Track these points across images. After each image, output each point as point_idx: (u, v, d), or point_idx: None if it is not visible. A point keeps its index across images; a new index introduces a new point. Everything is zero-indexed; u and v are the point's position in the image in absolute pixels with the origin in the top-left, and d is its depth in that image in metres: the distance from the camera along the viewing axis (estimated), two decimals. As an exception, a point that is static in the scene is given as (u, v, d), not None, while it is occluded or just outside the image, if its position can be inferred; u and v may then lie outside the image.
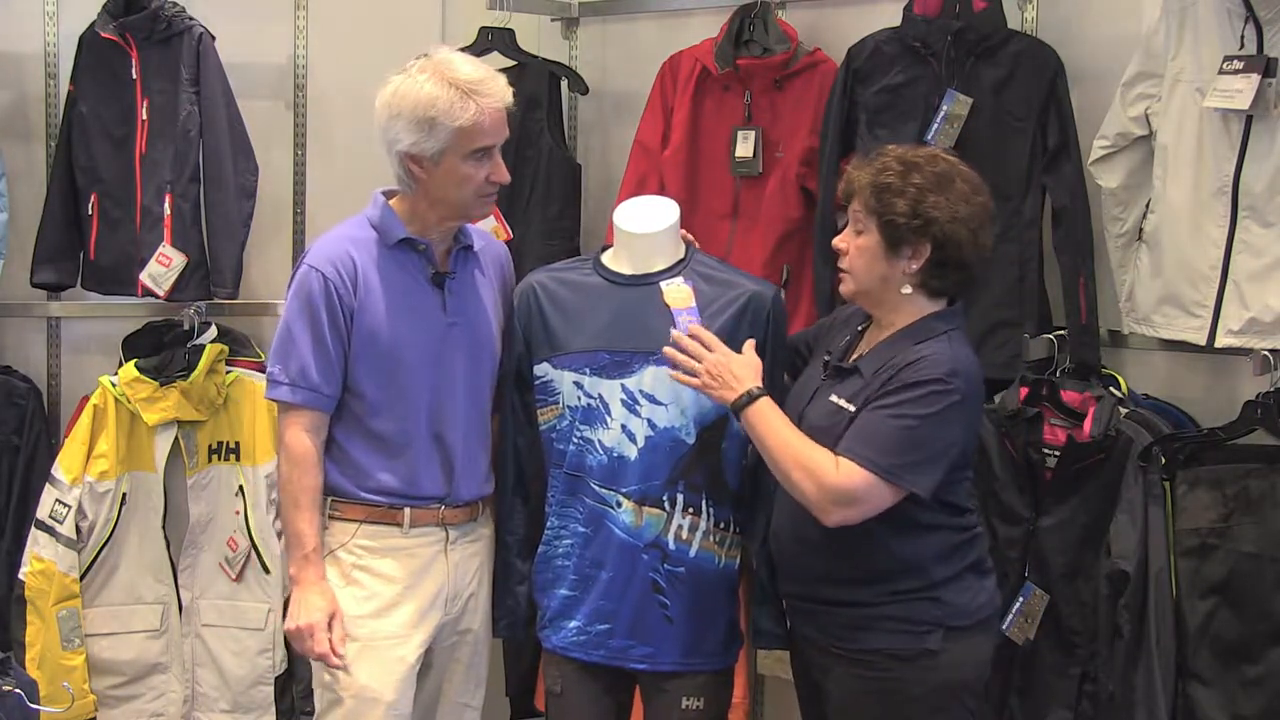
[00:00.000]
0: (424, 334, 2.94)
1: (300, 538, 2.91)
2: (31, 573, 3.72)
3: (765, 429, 2.67)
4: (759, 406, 2.68)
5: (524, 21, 4.03)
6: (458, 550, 3.02)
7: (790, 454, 2.64)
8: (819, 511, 2.61)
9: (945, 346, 2.66)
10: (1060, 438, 3.20)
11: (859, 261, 2.71)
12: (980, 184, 2.72)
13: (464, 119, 2.82)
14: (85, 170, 3.89)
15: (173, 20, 3.82)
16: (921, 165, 2.67)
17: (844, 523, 2.61)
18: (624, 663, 2.94)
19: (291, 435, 2.92)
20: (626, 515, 2.90)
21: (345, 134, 4.08)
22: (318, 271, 2.90)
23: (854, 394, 2.68)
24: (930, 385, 2.59)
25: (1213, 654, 2.99)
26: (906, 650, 2.66)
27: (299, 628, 2.88)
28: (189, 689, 3.90)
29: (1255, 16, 2.97)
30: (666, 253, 2.98)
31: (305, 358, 2.89)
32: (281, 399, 2.93)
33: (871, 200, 2.67)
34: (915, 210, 2.63)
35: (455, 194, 2.89)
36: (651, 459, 2.89)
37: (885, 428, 2.60)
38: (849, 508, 2.60)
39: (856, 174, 2.73)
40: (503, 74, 3.02)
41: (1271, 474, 2.94)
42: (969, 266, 2.70)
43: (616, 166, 3.93)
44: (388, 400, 2.93)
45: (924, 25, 3.36)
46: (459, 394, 2.98)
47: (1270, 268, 2.97)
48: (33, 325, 4.08)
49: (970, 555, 2.73)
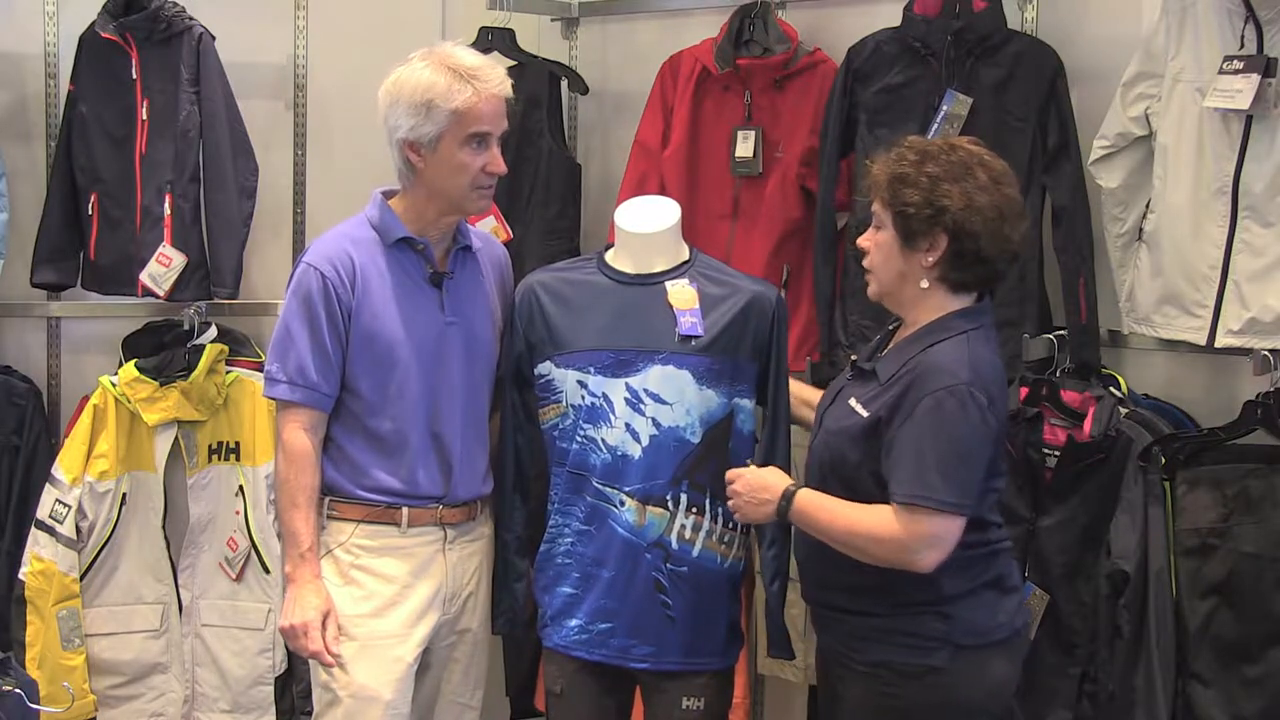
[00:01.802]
0: (422, 333, 2.94)
1: (296, 536, 2.91)
2: (31, 573, 3.72)
3: (814, 515, 2.64)
4: (799, 500, 2.65)
5: (524, 21, 4.03)
6: (456, 550, 3.02)
7: (848, 529, 2.59)
8: (904, 565, 2.54)
9: (961, 349, 2.56)
10: (1060, 438, 3.20)
11: (878, 258, 2.65)
12: (1006, 174, 2.62)
13: (460, 101, 2.83)
14: (85, 170, 3.89)
15: (173, 20, 3.82)
16: (937, 154, 2.59)
17: (937, 564, 2.53)
18: (625, 662, 2.94)
19: (289, 433, 2.92)
20: (629, 514, 2.90)
21: (345, 134, 4.08)
22: (316, 270, 2.91)
23: (868, 399, 2.63)
24: (953, 398, 2.50)
25: (1213, 654, 2.98)
26: (911, 666, 2.60)
27: (293, 626, 2.88)
28: (189, 689, 3.90)
29: (1255, 16, 2.97)
30: (668, 253, 2.99)
31: (303, 356, 2.89)
32: (280, 397, 2.93)
33: (886, 193, 2.61)
34: (928, 200, 2.55)
35: (452, 183, 2.90)
36: (655, 458, 2.88)
37: (929, 460, 2.50)
38: (933, 550, 2.52)
39: (876, 169, 2.65)
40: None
41: (1271, 474, 2.94)
42: (990, 260, 2.59)
43: (616, 166, 3.93)
44: (385, 399, 2.93)
45: (924, 25, 3.36)
46: (457, 393, 2.98)
47: (1270, 268, 2.97)
48: (33, 325, 4.08)
49: (990, 572, 2.65)
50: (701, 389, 2.89)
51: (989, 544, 2.66)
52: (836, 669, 2.75)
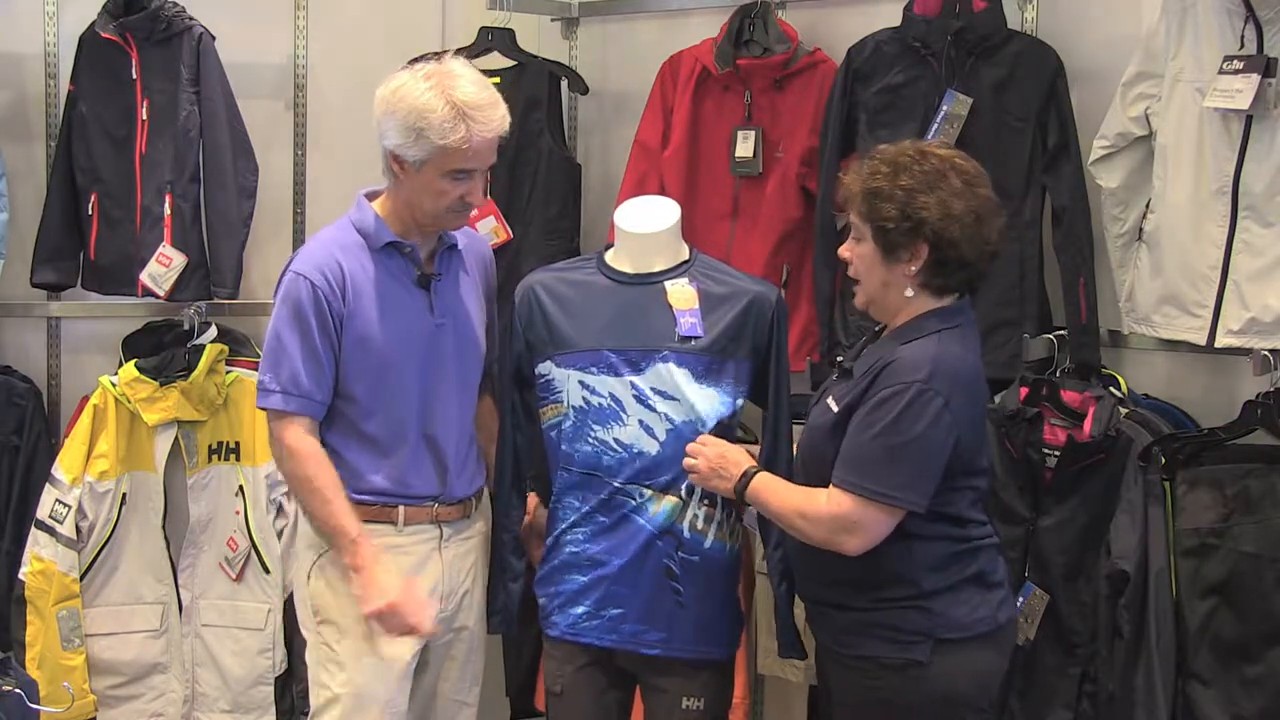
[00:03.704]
0: (413, 336, 2.94)
1: (341, 528, 2.88)
2: (31, 573, 3.72)
3: (767, 496, 2.73)
4: (757, 482, 2.74)
5: (524, 21, 4.03)
6: (452, 547, 3.03)
7: (789, 506, 2.69)
8: (832, 547, 2.62)
9: (927, 347, 2.60)
10: (1060, 438, 3.19)
11: (862, 269, 2.69)
12: (979, 175, 2.67)
13: (451, 139, 2.81)
14: (85, 170, 3.89)
15: (173, 20, 3.82)
16: (910, 165, 2.62)
17: (861, 549, 2.60)
18: (637, 648, 2.94)
19: (293, 438, 2.90)
20: (649, 504, 2.90)
21: (345, 134, 4.08)
22: (306, 279, 2.89)
23: (842, 395, 2.68)
24: (906, 394, 2.55)
25: (1213, 654, 2.98)
26: (893, 659, 2.64)
27: (380, 611, 2.85)
28: (189, 689, 3.90)
29: (1255, 16, 2.97)
30: (668, 253, 2.99)
31: (295, 365, 2.88)
32: (273, 407, 2.91)
33: (864, 207, 2.64)
34: (905, 213, 2.59)
35: (429, 204, 2.90)
36: (675, 450, 2.88)
37: (867, 449, 2.58)
38: (852, 535, 2.60)
39: (850, 181, 2.69)
40: (503, 91, 3.00)
41: (1271, 474, 2.94)
42: (972, 263, 2.64)
43: (616, 166, 3.93)
44: (379, 402, 2.93)
45: (924, 25, 3.36)
46: (449, 393, 2.99)
47: (1270, 268, 2.97)
48: (33, 325, 4.08)
49: (971, 567, 2.68)
50: (703, 387, 2.90)
51: (969, 540, 2.70)
52: (828, 664, 2.80)
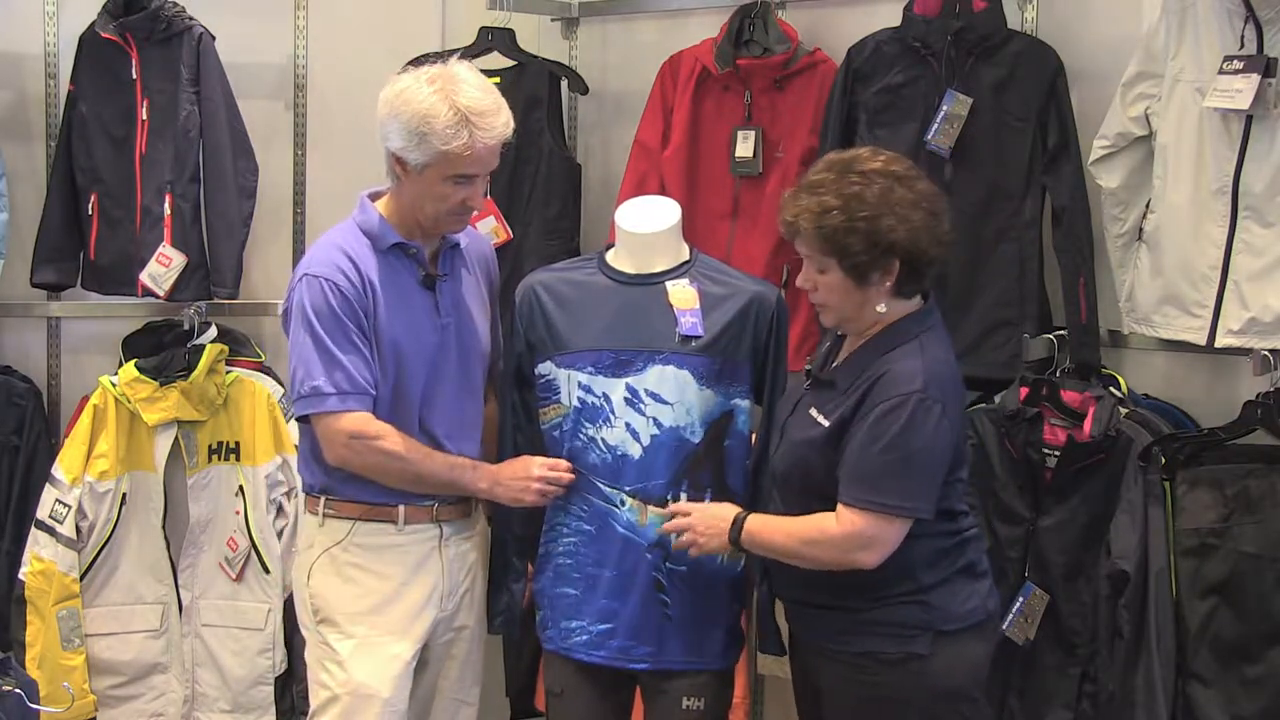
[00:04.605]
0: (422, 337, 2.94)
1: (456, 468, 2.93)
2: (31, 573, 3.73)
3: (765, 534, 2.73)
4: (751, 524, 2.74)
5: (524, 21, 4.03)
6: (452, 547, 3.03)
7: (793, 539, 2.68)
8: (847, 565, 2.62)
9: (916, 353, 2.63)
10: (1060, 438, 3.19)
11: (833, 297, 2.68)
12: (911, 172, 2.67)
13: (454, 145, 2.80)
14: (85, 170, 3.89)
15: (173, 20, 3.82)
16: (859, 193, 2.60)
17: (878, 562, 2.61)
18: (626, 663, 2.94)
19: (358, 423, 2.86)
20: (631, 514, 2.90)
21: (345, 134, 4.08)
22: (330, 281, 2.88)
23: (829, 408, 2.67)
24: (907, 406, 2.57)
25: (1213, 654, 2.98)
26: (894, 654, 2.65)
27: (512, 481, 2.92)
28: (189, 689, 3.90)
29: (1255, 16, 2.97)
30: (668, 253, 2.99)
31: (345, 365, 2.86)
32: (331, 409, 2.86)
33: (823, 245, 2.62)
34: (873, 241, 2.59)
35: (429, 207, 2.90)
36: (655, 457, 2.88)
37: (876, 464, 2.58)
38: (869, 550, 2.60)
39: (793, 214, 2.65)
40: (503, 91, 3.00)
41: (1271, 474, 2.94)
42: (938, 259, 2.67)
43: (616, 166, 3.93)
44: (388, 402, 2.93)
45: (924, 25, 3.36)
46: (453, 392, 2.99)
47: (1270, 268, 2.97)
48: (33, 325, 4.08)
49: (961, 559, 2.71)
50: (702, 389, 2.90)
51: (960, 533, 2.73)
52: (814, 663, 2.79)
